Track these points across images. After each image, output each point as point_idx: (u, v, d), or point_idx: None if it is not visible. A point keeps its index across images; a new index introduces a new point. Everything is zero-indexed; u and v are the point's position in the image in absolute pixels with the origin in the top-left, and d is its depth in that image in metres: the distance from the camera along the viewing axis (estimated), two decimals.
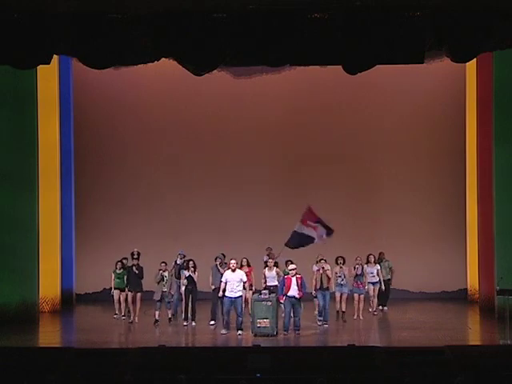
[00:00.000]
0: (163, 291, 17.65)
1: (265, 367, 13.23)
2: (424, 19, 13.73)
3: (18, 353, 14.26)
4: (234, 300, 16.31)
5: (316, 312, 17.65)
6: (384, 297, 19.33)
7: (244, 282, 16.50)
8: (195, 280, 17.56)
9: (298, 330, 16.32)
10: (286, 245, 17.53)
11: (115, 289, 18.13)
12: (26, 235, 17.98)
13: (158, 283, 17.70)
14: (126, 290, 18.00)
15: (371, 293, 18.64)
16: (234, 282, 16.37)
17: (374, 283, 18.54)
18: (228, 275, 16.48)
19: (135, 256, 18.11)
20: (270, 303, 16.22)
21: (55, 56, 15.39)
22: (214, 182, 21.56)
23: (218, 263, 17.65)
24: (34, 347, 15.39)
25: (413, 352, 14.16)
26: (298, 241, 17.57)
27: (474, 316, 19.04)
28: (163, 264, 17.73)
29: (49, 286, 19.31)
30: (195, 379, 12.36)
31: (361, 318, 18.14)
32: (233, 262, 16.61)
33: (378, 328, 17.93)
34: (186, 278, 17.57)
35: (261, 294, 16.56)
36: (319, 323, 17.10)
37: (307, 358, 13.89)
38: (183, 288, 17.68)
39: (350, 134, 21.67)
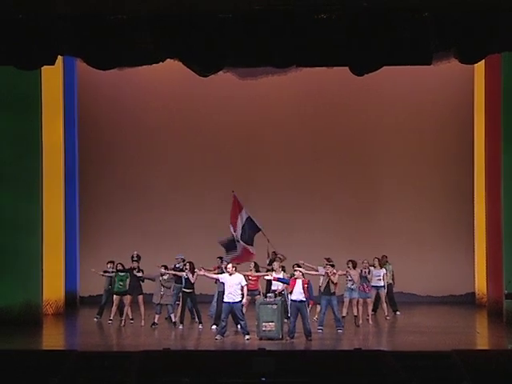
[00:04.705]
0: (161, 294, 17.55)
1: (270, 371, 13.10)
2: (431, 20, 13.57)
3: (21, 355, 14.14)
4: (232, 305, 15.95)
5: (315, 317, 17.41)
6: (393, 302, 19.22)
7: (243, 287, 16.11)
8: (192, 282, 17.40)
9: (310, 335, 15.91)
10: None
11: (116, 294, 18.03)
12: (30, 237, 17.91)
13: (163, 286, 17.54)
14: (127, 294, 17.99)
15: (382, 297, 18.52)
16: (232, 286, 16.00)
17: (378, 287, 18.36)
18: (226, 279, 16.14)
19: (135, 258, 18.04)
20: (275, 306, 16.03)
21: (59, 57, 15.18)
22: (217, 184, 21.42)
23: (223, 266, 17.49)
24: (38, 350, 15.24)
25: (419, 356, 14.00)
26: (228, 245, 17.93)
27: (481, 320, 18.96)
28: (163, 267, 17.61)
29: (52, 289, 19.26)
30: (199, 383, 12.24)
31: (370, 322, 17.98)
32: (229, 266, 16.31)
33: (384, 332, 17.82)
34: (184, 279, 17.45)
35: (266, 297, 16.39)
36: (319, 330, 16.74)
37: (313, 361, 13.74)
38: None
39: (357, 136, 21.64)
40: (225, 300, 16.05)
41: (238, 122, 21.56)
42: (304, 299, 15.95)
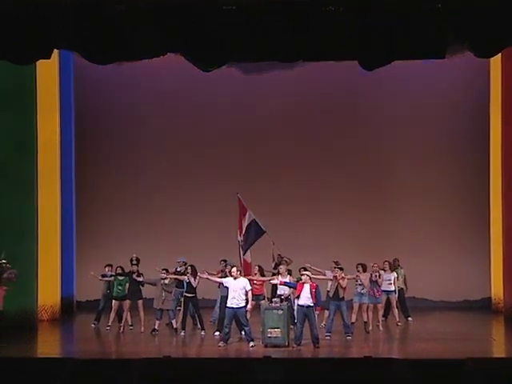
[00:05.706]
0: (162, 299, 17.23)
1: (276, 380, 12.68)
2: (445, 12, 13.11)
3: (16, 363, 13.75)
4: (236, 311, 15.55)
5: (323, 324, 17.06)
6: (405, 307, 18.86)
7: (247, 291, 15.67)
8: (194, 286, 17.01)
9: (317, 342, 15.47)
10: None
11: (115, 298, 17.73)
12: (25, 239, 17.67)
13: (164, 291, 17.20)
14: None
15: (392, 302, 18.17)
16: (236, 290, 15.57)
17: (388, 292, 17.89)
18: (230, 283, 15.71)
19: (134, 262, 17.80)
20: (281, 312, 15.62)
21: (55, 51, 14.88)
22: (219, 185, 21.11)
23: (227, 270, 17.06)
24: (33, 357, 14.89)
25: (432, 364, 13.58)
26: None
27: (498, 326, 18.72)
28: (164, 271, 17.28)
29: (48, 293, 18.97)
30: None
31: (380, 328, 17.62)
32: (234, 269, 15.89)
33: (395, 339, 17.50)
34: (186, 283, 17.09)
35: (271, 302, 16.00)
36: (327, 337, 16.35)
37: (321, 370, 13.30)
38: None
39: (366, 136, 21.45)
40: (228, 305, 15.66)
41: (242, 120, 21.33)
42: (312, 304, 15.50)
